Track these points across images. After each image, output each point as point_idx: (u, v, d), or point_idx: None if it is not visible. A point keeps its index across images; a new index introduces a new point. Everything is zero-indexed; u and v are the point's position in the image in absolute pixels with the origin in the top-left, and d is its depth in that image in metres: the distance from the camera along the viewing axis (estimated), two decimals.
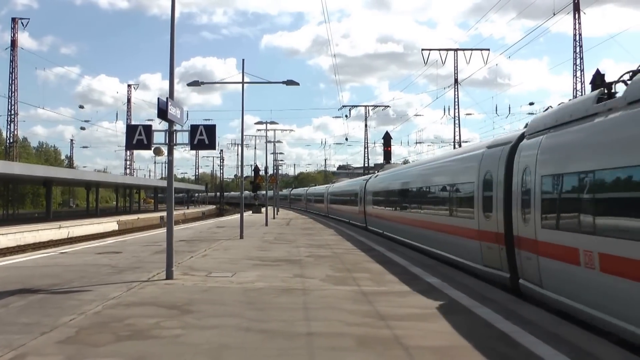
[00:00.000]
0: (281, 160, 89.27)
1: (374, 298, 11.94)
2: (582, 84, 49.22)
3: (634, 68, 10.06)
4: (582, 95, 47.61)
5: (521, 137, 13.63)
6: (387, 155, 51.59)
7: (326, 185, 77.36)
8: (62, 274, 15.41)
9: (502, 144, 14.90)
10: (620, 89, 10.06)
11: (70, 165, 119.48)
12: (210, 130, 15.12)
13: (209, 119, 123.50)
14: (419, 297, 12.04)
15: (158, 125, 16.66)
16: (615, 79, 10.37)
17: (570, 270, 10.18)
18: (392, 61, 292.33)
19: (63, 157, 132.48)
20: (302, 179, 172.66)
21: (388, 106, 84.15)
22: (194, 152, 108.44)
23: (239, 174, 52.70)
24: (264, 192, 60.48)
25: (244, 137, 35.44)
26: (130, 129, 15.08)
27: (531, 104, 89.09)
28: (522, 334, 8.78)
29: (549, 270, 11.18)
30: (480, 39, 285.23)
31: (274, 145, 61.02)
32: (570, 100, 12.97)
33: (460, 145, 56.09)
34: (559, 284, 10.75)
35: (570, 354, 7.65)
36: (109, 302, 11.42)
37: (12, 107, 64.26)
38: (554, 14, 44.77)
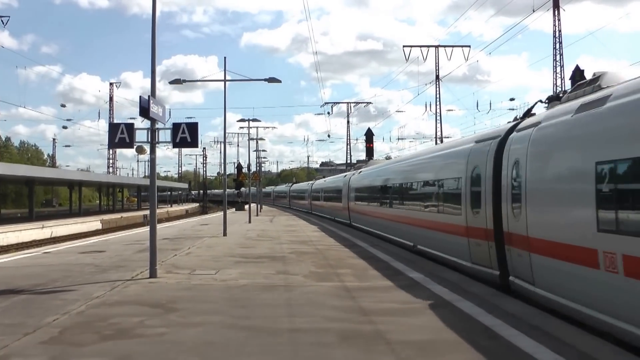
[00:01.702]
0: (264, 158, 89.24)
1: (357, 294, 12.02)
2: (562, 80, 49.49)
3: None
4: (562, 90, 47.89)
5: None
6: (370, 151, 51.75)
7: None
8: (46, 273, 15.36)
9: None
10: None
11: (53, 164, 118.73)
12: (193, 128, 15.14)
13: (192, 117, 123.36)
14: (402, 293, 12.13)
15: (140, 123, 16.61)
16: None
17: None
18: (372, 58, 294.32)
19: (45, 156, 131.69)
20: (285, 176, 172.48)
21: (370, 102, 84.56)
22: (176, 150, 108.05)
23: (222, 172, 52.64)
24: (247, 189, 60.39)
25: (227, 134, 35.42)
26: (113, 128, 15.03)
27: (512, 99, 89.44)
28: (504, 327, 8.87)
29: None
30: (459, 36, 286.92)
31: (257, 142, 60.92)
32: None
33: (442, 141, 56.26)
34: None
35: (550, 346, 7.75)
36: (93, 301, 11.41)
37: None
38: (534, 11, 44.92)
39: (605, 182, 8.71)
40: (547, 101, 13.33)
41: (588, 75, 11.96)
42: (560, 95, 12.79)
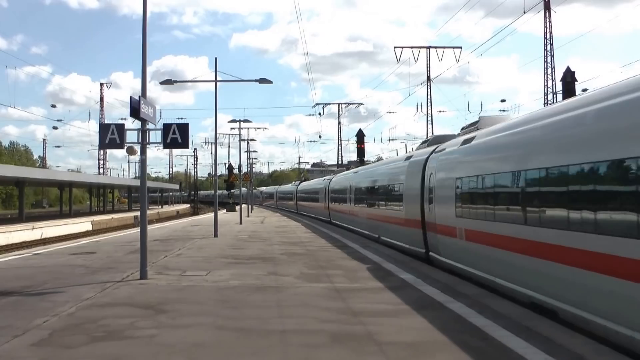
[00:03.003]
0: (255, 159, 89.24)
1: (348, 295, 12.03)
2: (553, 81, 49.69)
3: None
4: (552, 91, 47.97)
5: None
6: (361, 152, 51.60)
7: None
8: (36, 275, 15.31)
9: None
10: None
11: (43, 165, 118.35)
12: (183, 128, 15.13)
13: (182, 118, 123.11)
14: (393, 294, 12.14)
15: (131, 124, 16.59)
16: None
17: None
18: (363, 59, 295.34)
19: (35, 157, 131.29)
20: (276, 177, 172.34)
21: (361, 104, 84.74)
22: (167, 151, 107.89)
23: (213, 173, 52.58)
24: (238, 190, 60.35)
25: (218, 135, 35.36)
26: (103, 128, 15.00)
27: (503, 100, 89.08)
28: (495, 328, 8.91)
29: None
30: (449, 38, 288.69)
31: (248, 143, 60.87)
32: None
33: None
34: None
35: (541, 347, 7.78)
36: (83, 303, 11.37)
37: None
38: (525, 12, 45.08)
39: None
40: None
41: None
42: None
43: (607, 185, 8.75)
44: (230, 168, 55.30)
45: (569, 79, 22.09)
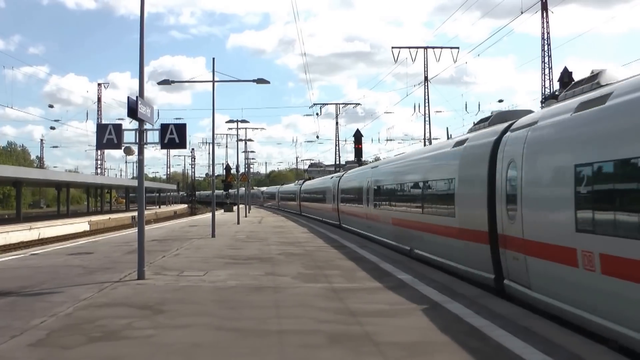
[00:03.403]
0: (252, 159, 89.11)
1: (345, 295, 12.03)
2: (550, 82, 49.76)
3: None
4: (550, 91, 47.99)
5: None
6: (358, 152, 51.62)
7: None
8: (33, 275, 15.28)
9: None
10: None
11: (41, 165, 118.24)
12: (181, 129, 15.11)
13: (180, 118, 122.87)
14: (390, 294, 12.14)
15: (128, 124, 16.59)
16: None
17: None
18: (360, 60, 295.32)
19: (33, 157, 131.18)
20: (273, 177, 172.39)
21: (359, 104, 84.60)
22: (165, 151, 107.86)
23: (210, 173, 52.55)
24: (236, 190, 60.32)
25: (215, 135, 35.34)
26: (101, 129, 14.98)
27: (500, 101, 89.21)
28: (493, 328, 8.91)
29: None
30: (446, 38, 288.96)
31: (245, 143, 60.79)
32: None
33: (430, 142, 56.52)
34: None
35: (539, 347, 7.79)
36: (81, 303, 11.36)
37: None
38: (522, 12, 45.13)
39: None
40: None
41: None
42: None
43: None
44: (227, 168, 55.30)
45: (566, 79, 22.10)
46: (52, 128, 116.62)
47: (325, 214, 46.24)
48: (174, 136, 14.95)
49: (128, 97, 14.41)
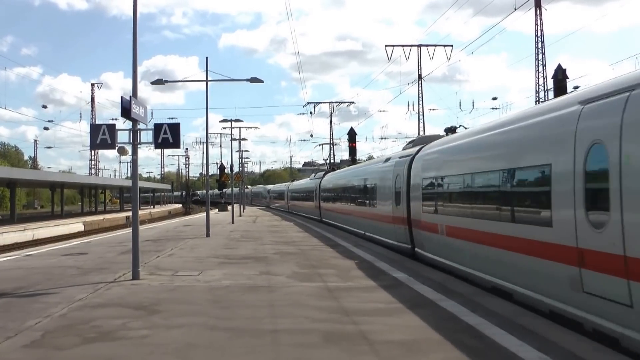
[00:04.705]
0: (246, 158, 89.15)
1: (340, 294, 12.03)
2: (544, 79, 49.86)
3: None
4: (544, 88, 48.05)
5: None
6: (352, 151, 51.62)
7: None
8: (27, 276, 15.26)
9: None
10: None
11: (35, 166, 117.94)
12: (175, 128, 15.10)
13: (174, 118, 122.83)
14: (385, 292, 12.14)
15: (122, 124, 16.56)
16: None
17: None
18: (352, 58, 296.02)
19: (26, 157, 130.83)
20: (268, 177, 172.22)
21: (353, 102, 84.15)
22: (158, 151, 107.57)
23: (205, 172, 52.46)
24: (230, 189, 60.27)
25: (209, 135, 35.32)
26: (94, 129, 14.95)
27: (494, 98, 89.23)
28: (488, 326, 8.91)
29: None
30: (438, 36, 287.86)
31: (239, 143, 60.88)
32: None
33: None
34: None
35: (535, 345, 7.79)
36: (75, 304, 11.34)
37: None
38: (515, 9, 45.11)
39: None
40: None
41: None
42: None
43: None
44: (222, 168, 55.19)
45: (560, 76, 22.12)
46: (46, 129, 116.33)
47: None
48: (167, 136, 14.94)
49: (121, 97, 14.41)
